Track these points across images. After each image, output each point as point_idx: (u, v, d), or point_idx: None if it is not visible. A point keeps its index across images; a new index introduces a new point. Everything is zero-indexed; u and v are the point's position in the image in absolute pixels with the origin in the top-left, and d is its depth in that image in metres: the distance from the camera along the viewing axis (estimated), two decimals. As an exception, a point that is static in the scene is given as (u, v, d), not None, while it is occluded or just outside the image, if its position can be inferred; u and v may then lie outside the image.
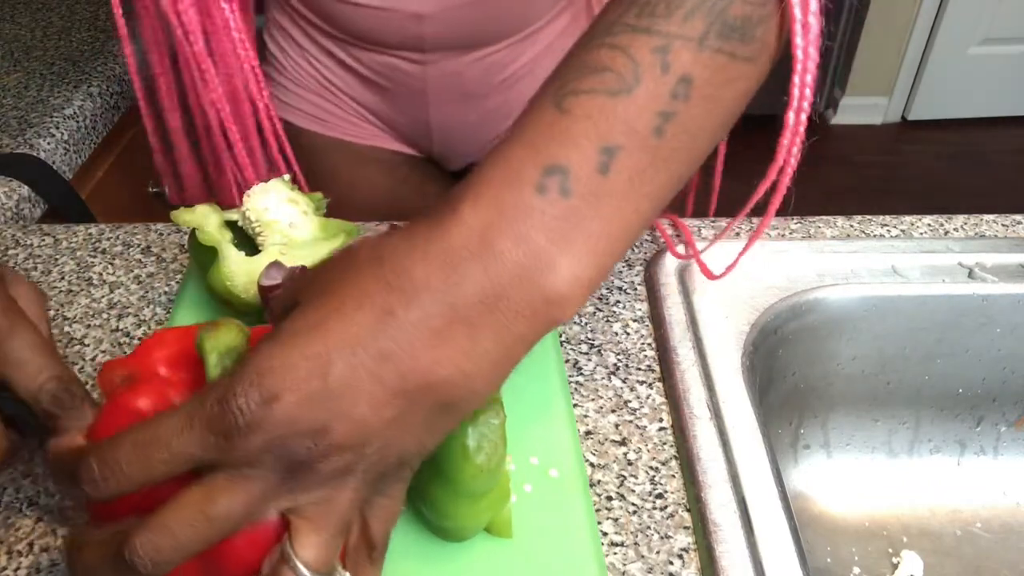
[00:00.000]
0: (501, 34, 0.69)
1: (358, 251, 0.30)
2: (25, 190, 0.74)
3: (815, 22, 0.32)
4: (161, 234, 0.62)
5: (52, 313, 0.55)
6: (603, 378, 0.50)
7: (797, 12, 0.31)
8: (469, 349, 0.28)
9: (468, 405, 0.30)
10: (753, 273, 0.56)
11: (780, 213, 0.38)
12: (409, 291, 0.28)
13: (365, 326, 0.28)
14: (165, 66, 0.66)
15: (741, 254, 0.47)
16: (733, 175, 0.52)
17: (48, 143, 0.79)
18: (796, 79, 0.33)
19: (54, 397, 0.36)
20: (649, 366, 0.51)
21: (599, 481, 0.44)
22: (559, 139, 0.29)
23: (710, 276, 0.52)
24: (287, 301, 0.31)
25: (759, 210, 0.42)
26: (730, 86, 0.31)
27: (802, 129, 0.35)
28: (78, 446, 0.30)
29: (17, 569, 0.40)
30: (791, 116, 0.34)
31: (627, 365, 0.51)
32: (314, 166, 0.80)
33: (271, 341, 0.28)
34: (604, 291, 0.56)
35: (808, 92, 0.33)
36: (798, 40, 0.32)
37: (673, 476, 0.44)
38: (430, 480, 0.36)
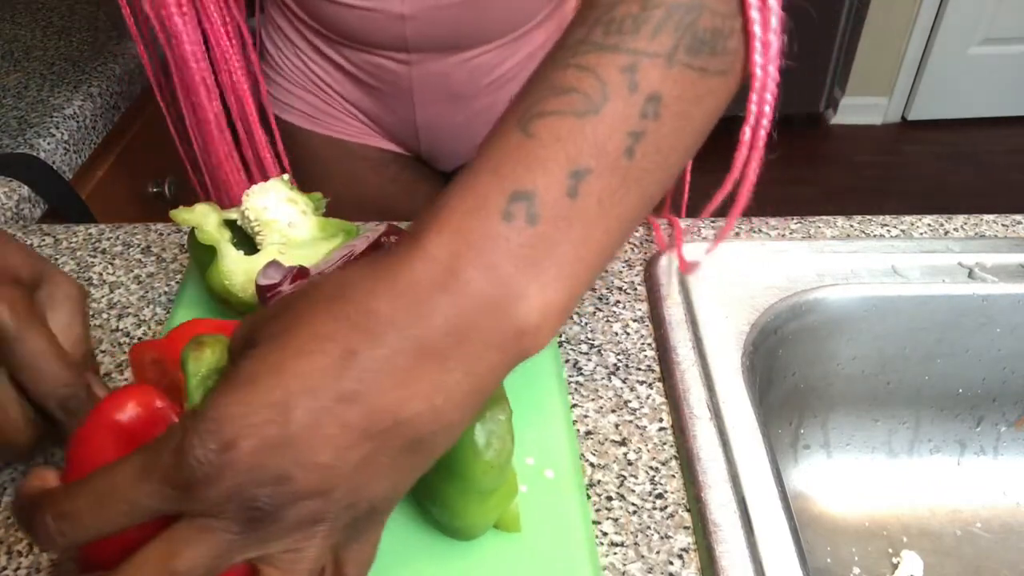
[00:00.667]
0: (485, 37, 0.69)
1: (317, 288, 0.29)
2: (25, 190, 0.74)
3: (775, 39, 0.31)
4: (161, 234, 0.62)
5: (52, 313, 0.55)
6: (603, 378, 0.50)
7: (757, 29, 0.31)
8: (439, 383, 0.28)
9: (440, 441, 0.29)
10: (753, 273, 0.56)
11: (774, 213, 0.38)
12: (374, 329, 0.27)
13: (327, 367, 0.27)
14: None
15: (714, 245, 0.48)
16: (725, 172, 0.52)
17: (48, 143, 0.79)
18: (754, 96, 0.33)
19: (60, 404, 0.36)
20: (649, 366, 0.50)
21: (599, 481, 0.44)
22: (525, 163, 0.29)
23: (683, 268, 0.53)
24: (244, 339, 0.30)
25: (762, 211, 0.42)
26: (701, 102, 0.31)
27: (761, 144, 0.35)
28: (44, 490, 0.29)
29: (17, 569, 0.40)
30: (747, 131, 0.34)
31: (627, 365, 0.51)
32: (306, 163, 0.80)
33: (228, 386, 0.27)
34: (604, 291, 0.56)
35: (767, 109, 0.33)
36: (757, 58, 0.31)
37: (673, 476, 0.44)
38: (440, 480, 0.36)
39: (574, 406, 0.48)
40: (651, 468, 0.45)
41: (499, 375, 0.29)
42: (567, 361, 0.51)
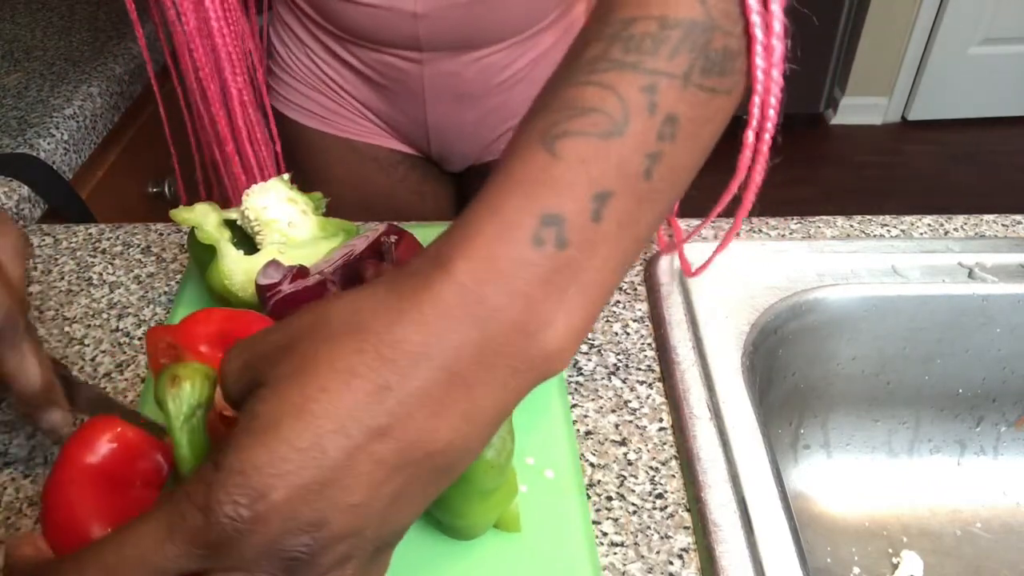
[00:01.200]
0: (497, 36, 0.69)
1: (328, 317, 0.28)
2: (25, 190, 0.74)
3: (778, 44, 0.31)
4: (161, 234, 0.62)
5: (52, 313, 0.55)
6: (603, 378, 0.50)
7: (758, 33, 0.30)
8: (468, 411, 0.27)
9: (464, 464, 0.29)
10: (753, 273, 0.56)
11: (774, 213, 0.38)
12: (404, 361, 0.26)
13: (358, 404, 0.26)
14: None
15: (716, 252, 0.47)
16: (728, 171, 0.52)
17: (48, 143, 0.79)
18: (756, 99, 0.32)
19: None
20: (649, 366, 0.50)
21: (599, 481, 0.44)
22: (553, 186, 0.28)
23: (688, 272, 0.52)
24: (242, 378, 0.28)
25: (762, 211, 0.42)
26: (710, 122, 0.31)
27: (766, 148, 0.34)
28: (36, 558, 0.28)
29: (16, 569, 0.40)
30: (750, 135, 0.34)
31: (627, 365, 0.51)
32: (312, 163, 0.80)
33: (249, 432, 0.25)
34: (604, 291, 0.56)
35: (772, 112, 0.33)
36: (758, 61, 0.31)
37: (673, 476, 0.44)
38: None
39: (574, 406, 0.48)
40: (651, 468, 0.45)
41: (520, 397, 0.29)
42: (567, 361, 0.51)
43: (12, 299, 0.37)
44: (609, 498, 0.43)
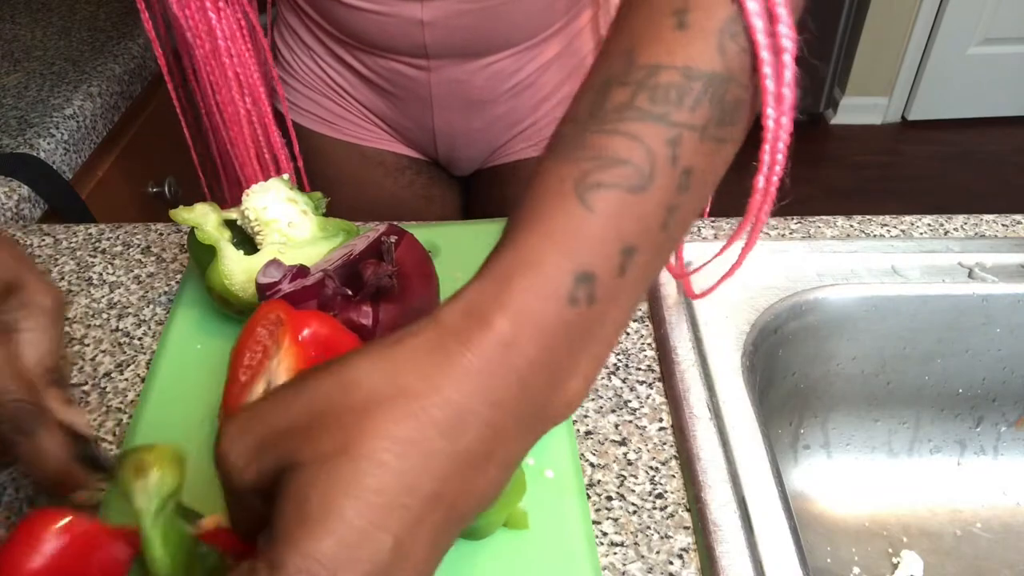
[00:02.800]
0: (503, 44, 0.69)
1: (362, 381, 0.27)
2: (25, 190, 0.74)
3: (788, 93, 0.31)
4: (161, 234, 0.62)
5: (52, 313, 0.55)
6: (603, 378, 0.50)
7: (769, 84, 0.31)
8: (503, 461, 0.28)
9: (489, 505, 0.30)
10: (753, 273, 0.56)
11: (774, 213, 0.38)
12: (452, 422, 0.26)
13: (414, 473, 0.25)
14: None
15: (720, 281, 0.47)
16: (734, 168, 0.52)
17: (48, 143, 0.79)
18: (766, 147, 0.33)
19: (7, 419, 0.34)
20: (649, 366, 0.51)
21: (599, 481, 0.44)
22: (587, 242, 0.29)
23: (692, 295, 0.52)
24: (265, 459, 0.27)
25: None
26: (716, 170, 0.31)
27: (774, 190, 0.35)
28: None
29: (16, 569, 0.40)
30: (760, 180, 0.35)
31: (627, 365, 0.51)
32: (320, 168, 0.80)
33: (305, 520, 0.24)
34: (604, 291, 0.56)
35: (780, 158, 0.33)
36: (769, 111, 0.32)
37: (673, 476, 0.44)
38: None
39: (574, 406, 0.48)
40: (651, 468, 0.45)
41: (537, 440, 0.30)
42: (567, 361, 0.51)
43: (24, 387, 0.35)
44: (609, 498, 0.43)
